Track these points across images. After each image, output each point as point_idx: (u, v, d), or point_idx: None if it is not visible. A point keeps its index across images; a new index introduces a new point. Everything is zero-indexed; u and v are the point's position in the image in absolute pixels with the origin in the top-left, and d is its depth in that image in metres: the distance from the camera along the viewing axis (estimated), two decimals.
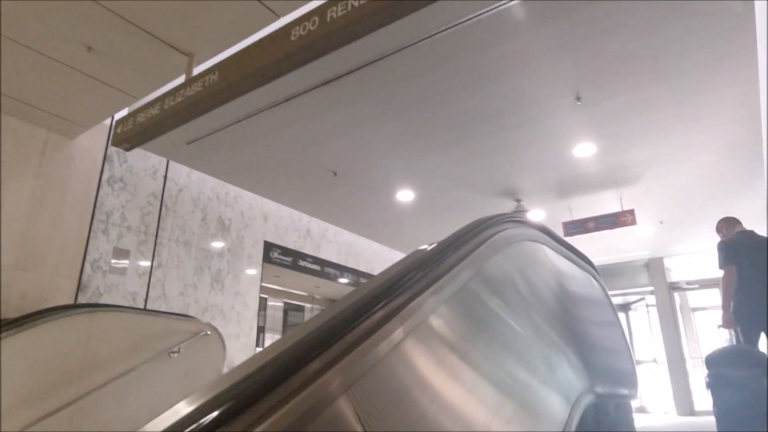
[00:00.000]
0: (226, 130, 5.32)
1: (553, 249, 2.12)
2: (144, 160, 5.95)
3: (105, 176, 5.52)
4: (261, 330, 8.41)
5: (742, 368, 3.54)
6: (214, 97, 3.45)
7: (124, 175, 5.71)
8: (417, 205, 7.62)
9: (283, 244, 7.74)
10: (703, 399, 10.27)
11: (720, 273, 4.46)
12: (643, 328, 11.59)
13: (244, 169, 6.53)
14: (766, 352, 4.01)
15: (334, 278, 8.68)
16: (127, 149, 4.30)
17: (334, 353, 0.81)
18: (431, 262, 1.21)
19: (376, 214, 8.13)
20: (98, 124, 5.21)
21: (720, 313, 4.43)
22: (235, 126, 5.23)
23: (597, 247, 9.38)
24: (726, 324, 4.33)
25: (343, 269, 8.90)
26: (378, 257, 9.85)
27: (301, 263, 8.00)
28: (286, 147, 5.84)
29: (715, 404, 3.54)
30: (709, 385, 3.57)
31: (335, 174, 6.49)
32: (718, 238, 4.91)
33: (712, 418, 3.62)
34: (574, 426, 1.52)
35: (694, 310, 12.92)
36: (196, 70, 3.75)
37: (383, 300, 0.94)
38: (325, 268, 8.51)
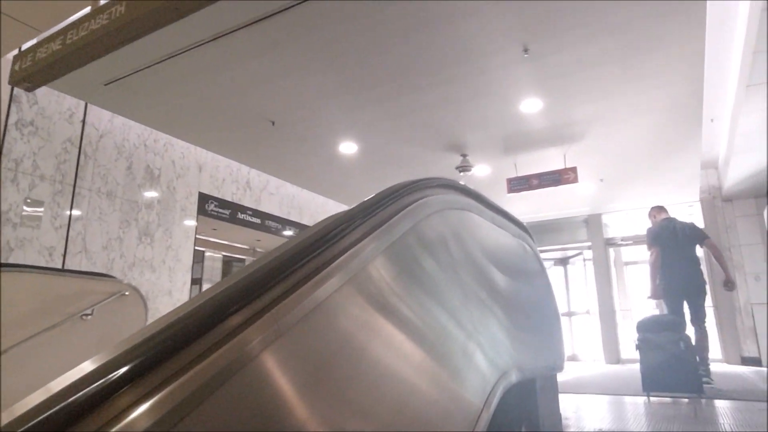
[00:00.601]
0: (150, 71, 4.84)
1: (482, 216, 1.97)
2: (58, 102, 5.38)
3: (12, 119, 4.96)
4: (198, 283, 8.12)
5: (663, 333, 4.33)
6: (122, 32, 3.03)
7: (35, 118, 5.14)
8: (361, 158, 7.38)
9: (220, 196, 7.37)
10: (628, 349, 10.90)
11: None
12: (579, 281, 12.05)
13: (174, 115, 6.05)
14: (684, 320, 4.70)
15: (276, 232, 8.42)
16: (29, 89, 3.81)
17: (254, 309, 0.78)
18: (332, 239, 1.03)
19: (319, 167, 7.85)
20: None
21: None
22: (161, 67, 4.76)
23: (540, 203, 9.51)
24: (653, 296, 5.11)
25: (285, 223, 8.64)
26: (323, 210, 9.62)
27: (240, 216, 7.68)
28: (220, 92, 5.42)
29: (641, 362, 4.28)
30: (637, 347, 4.35)
31: (273, 123, 6.13)
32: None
33: (636, 366, 4.42)
34: (494, 404, 1.42)
35: (627, 264, 13.54)
36: (103, 0, 3.29)
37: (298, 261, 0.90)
38: (266, 222, 8.22)
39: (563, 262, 12.77)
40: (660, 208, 5.59)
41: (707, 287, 5.02)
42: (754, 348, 9.03)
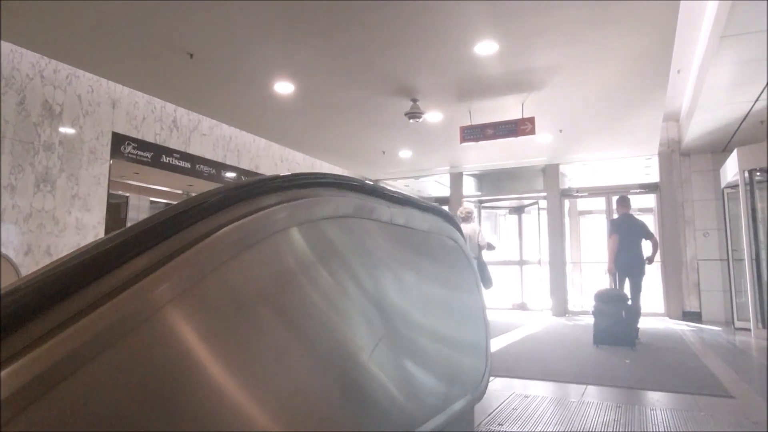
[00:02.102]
0: None
1: (377, 216, 1.41)
2: None
3: None
4: None
5: (610, 304, 5.71)
6: None
7: None
8: (300, 100, 6.62)
9: (139, 136, 6.54)
10: (577, 301, 10.96)
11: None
12: (533, 231, 11.89)
13: (77, 43, 5.13)
14: (626, 295, 5.94)
15: (210, 177, 7.69)
16: None
17: (159, 254, 0.67)
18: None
19: (254, 108, 7.05)
20: None
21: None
22: None
23: (497, 151, 9.03)
24: (609, 271, 6.35)
25: (221, 167, 7.90)
26: (265, 154, 8.88)
27: (165, 159, 6.90)
28: (127, 17, 4.53)
29: (594, 323, 5.69)
30: (593, 312, 5.80)
31: (191, 56, 5.29)
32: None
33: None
34: None
35: (582, 213, 13.46)
36: None
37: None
38: (198, 166, 7.46)
39: (518, 210, 12.54)
40: (623, 202, 6.56)
41: (646, 268, 6.24)
42: (696, 303, 9.12)
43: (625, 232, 6.27)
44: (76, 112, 5.76)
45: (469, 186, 11.75)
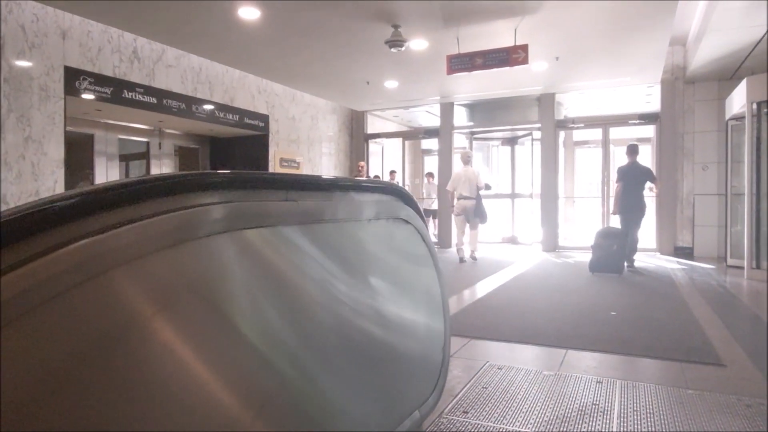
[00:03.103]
0: None
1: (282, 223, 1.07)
2: None
3: None
4: (88, 179, 7.01)
5: (608, 239, 6.66)
6: None
7: None
8: (269, 27, 6.00)
9: (96, 70, 5.99)
10: (568, 237, 10.77)
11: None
12: (525, 163, 11.50)
13: None
14: (624, 233, 6.83)
15: (180, 112, 7.18)
16: None
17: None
18: None
19: (222, 35, 6.42)
20: None
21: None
22: None
23: (488, 80, 8.45)
24: (614, 212, 7.20)
25: (191, 101, 7.36)
26: (240, 86, 8.29)
27: (127, 95, 6.37)
28: None
29: (592, 255, 6.69)
30: (592, 246, 6.74)
31: None
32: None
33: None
34: None
35: (578, 144, 12.99)
36: None
37: None
38: (165, 101, 6.93)
39: (511, 142, 12.07)
40: (633, 150, 7.14)
41: (645, 210, 7.13)
42: (689, 238, 8.93)
43: (631, 179, 7.00)
44: (20, 45, 5.20)
45: (460, 116, 11.21)
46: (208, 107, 7.65)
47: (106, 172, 7.26)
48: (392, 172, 11.75)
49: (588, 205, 11.76)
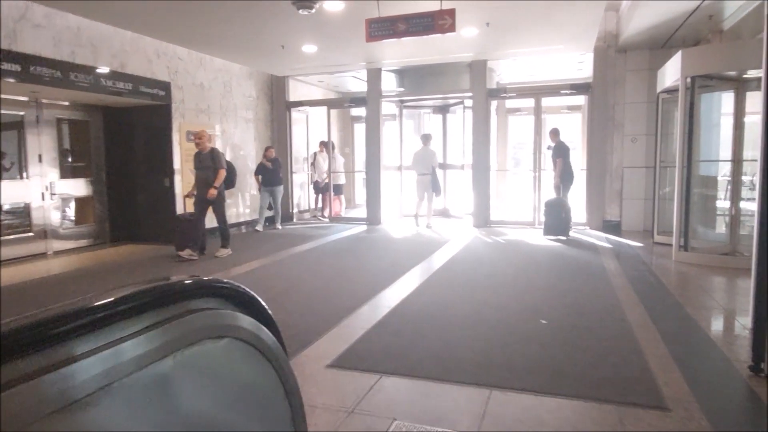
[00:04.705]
0: None
1: None
2: None
3: None
4: None
5: (555, 206, 8.06)
6: None
7: None
8: None
9: None
10: (500, 211, 10.51)
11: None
12: (458, 132, 11.04)
13: None
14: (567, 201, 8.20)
15: (55, 82, 6.05)
16: None
17: None
18: None
19: None
20: None
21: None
22: None
23: (418, 45, 7.77)
24: (555, 186, 8.48)
25: (69, 68, 6.23)
26: (134, 49, 7.16)
27: None
28: None
29: (545, 222, 8.10)
30: (545, 213, 8.13)
31: None
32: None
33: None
34: None
35: (511, 112, 12.66)
36: None
37: None
38: (33, 68, 5.79)
39: (443, 110, 11.54)
40: (556, 133, 8.69)
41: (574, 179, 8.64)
42: (617, 212, 8.85)
43: (565, 155, 8.52)
44: None
45: (389, 83, 10.50)
46: (93, 74, 6.54)
47: None
48: (322, 144, 10.91)
49: (521, 177, 11.55)
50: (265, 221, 9.38)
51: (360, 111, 12.16)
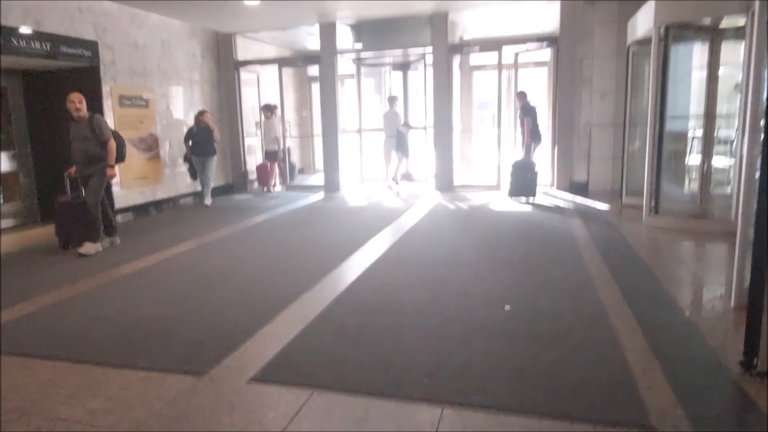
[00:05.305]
0: None
1: None
2: None
3: None
4: None
5: (522, 168, 7.92)
6: None
7: None
8: None
9: None
10: (464, 175, 10.05)
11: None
12: (420, 91, 10.43)
13: None
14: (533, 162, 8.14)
15: None
16: None
17: None
18: None
19: None
20: None
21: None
22: None
23: None
24: (526, 146, 8.58)
25: None
26: (51, 5, 6.23)
27: None
28: None
29: (510, 183, 7.97)
30: (510, 174, 7.97)
31: None
32: None
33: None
34: None
35: (475, 68, 12.04)
36: None
37: None
38: None
39: (403, 67, 10.86)
40: (523, 95, 8.66)
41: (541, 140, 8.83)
42: (585, 172, 8.49)
43: (532, 115, 8.63)
44: None
45: (345, 38, 9.73)
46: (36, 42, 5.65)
47: None
48: (266, 107, 9.84)
49: (487, 139, 11.06)
50: (207, 193, 8.34)
51: (317, 70, 11.36)
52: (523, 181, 7.80)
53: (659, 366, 2.46)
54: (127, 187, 7.55)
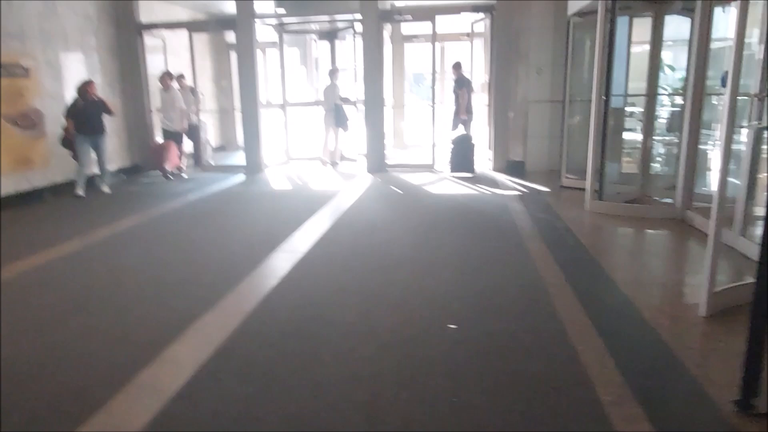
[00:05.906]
0: None
1: None
2: None
3: None
4: None
5: (461, 144, 8.05)
6: None
7: None
8: None
9: None
10: (398, 155, 9.46)
11: None
12: (349, 62, 9.66)
13: None
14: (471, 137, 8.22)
15: None
16: None
17: None
18: None
19: None
20: None
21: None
22: None
23: None
24: (464, 121, 8.43)
25: None
26: None
27: None
28: None
29: (450, 159, 8.06)
30: (450, 150, 8.05)
31: None
32: None
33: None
34: None
35: (408, 39, 11.37)
36: None
37: None
38: None
39: (331, 36, 10.01)
40: (458, 66, 8.48)
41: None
42: (521, 151, 8.15)
43: (468, 87, 8.39)
44: None
45: (266, 3, 8.75)
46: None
47: None
48: (166, 76, 8.11)
49: (421, 114, 10.47)
50: (86, 182, 6.97)
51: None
52: (463, 158, 7.95)
53: (636, 403, 2.00)
54: (4, 173, 6.34)
